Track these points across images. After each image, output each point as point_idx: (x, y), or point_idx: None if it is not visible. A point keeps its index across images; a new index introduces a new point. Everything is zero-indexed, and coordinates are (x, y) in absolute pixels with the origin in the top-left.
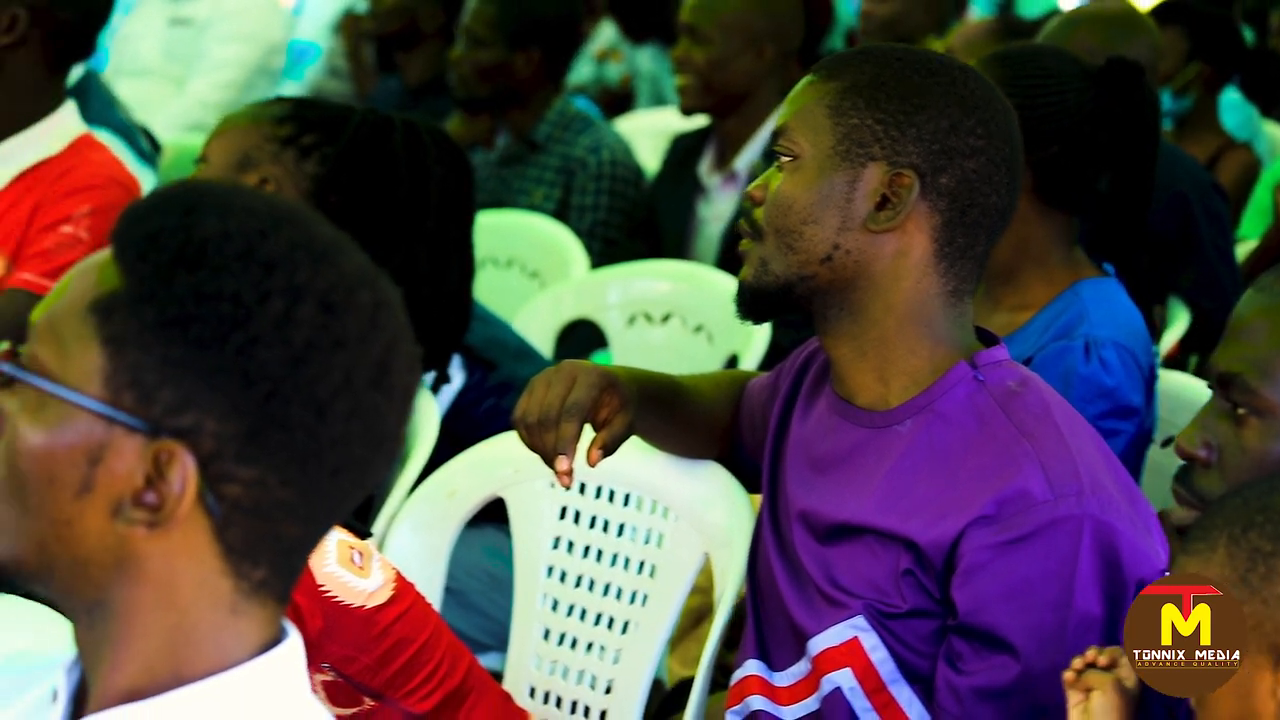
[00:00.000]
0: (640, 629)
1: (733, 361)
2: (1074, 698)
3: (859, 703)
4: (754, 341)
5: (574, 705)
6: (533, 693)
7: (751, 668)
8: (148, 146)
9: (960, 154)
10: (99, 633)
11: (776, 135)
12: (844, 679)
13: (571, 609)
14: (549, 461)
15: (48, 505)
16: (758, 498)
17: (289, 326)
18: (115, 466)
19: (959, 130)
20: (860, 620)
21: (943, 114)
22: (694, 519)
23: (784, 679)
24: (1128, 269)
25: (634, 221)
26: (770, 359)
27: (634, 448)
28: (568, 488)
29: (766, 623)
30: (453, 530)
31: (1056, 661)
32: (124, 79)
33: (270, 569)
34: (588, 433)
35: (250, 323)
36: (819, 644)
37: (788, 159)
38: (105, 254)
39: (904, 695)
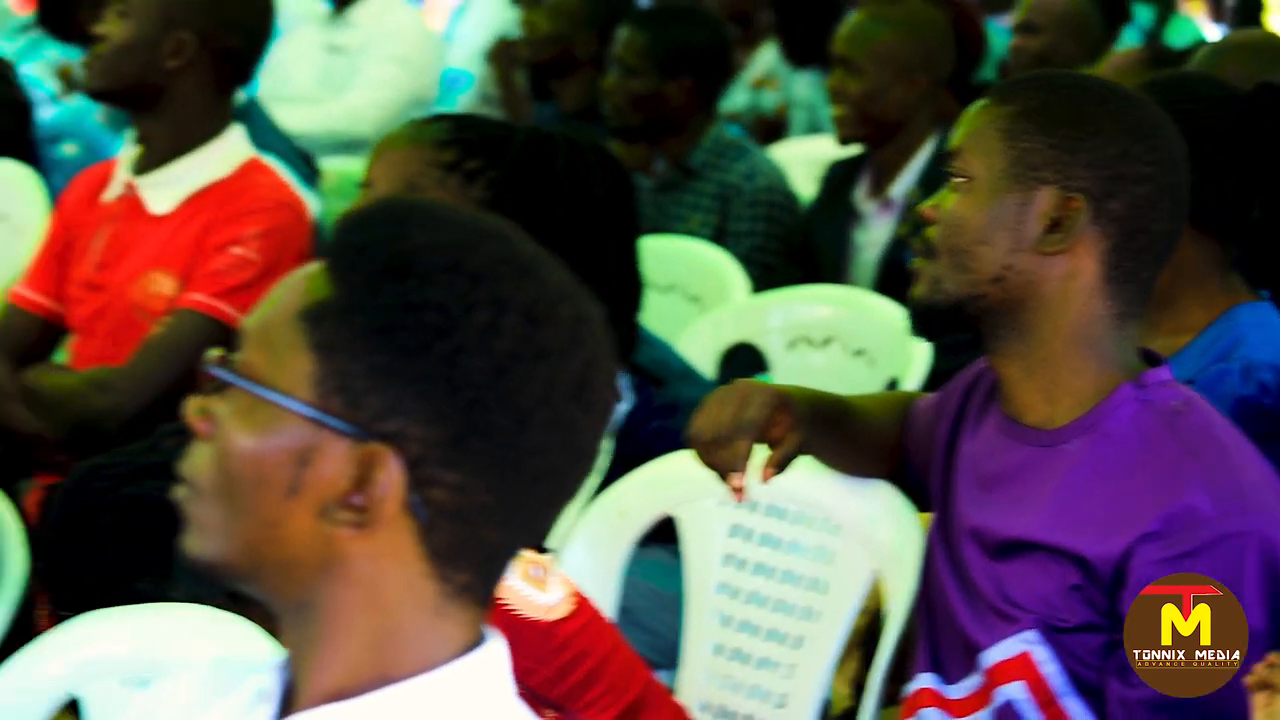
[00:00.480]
0: (812, 644)
1: (893, 385)
2: (1260, 700)
3: (1031, 715)
4: (914, 365)
5: None
6: (705, 708)
7: (925, 681)
8: (308, 171)
9: (1130, 180)
10: (306, 633)
11: (949, 157)
12: (1017, 692)
13: (743, 625)
14: (723, 478)
15: (257, 506)
16: (927, 515)
17: (493, 336)
18: (323, 469)
19: (1129, 157)
20: (1031, 634)
21: (1114, 141)
22: (863, 537)
23: (957, 691)
24: None
25: (790, 247)
26: (930, 383)
27: (803, 466)
28: (740, 504)
29: (938, 636)
30: (625, 548)
31: None
32: (277, 105)
33: (473, 573)
34: (761, 450)
35: (456, 332)
36: (991, 657)
37: (960, 180)
38: (316, 264)
39: (1075, 708)
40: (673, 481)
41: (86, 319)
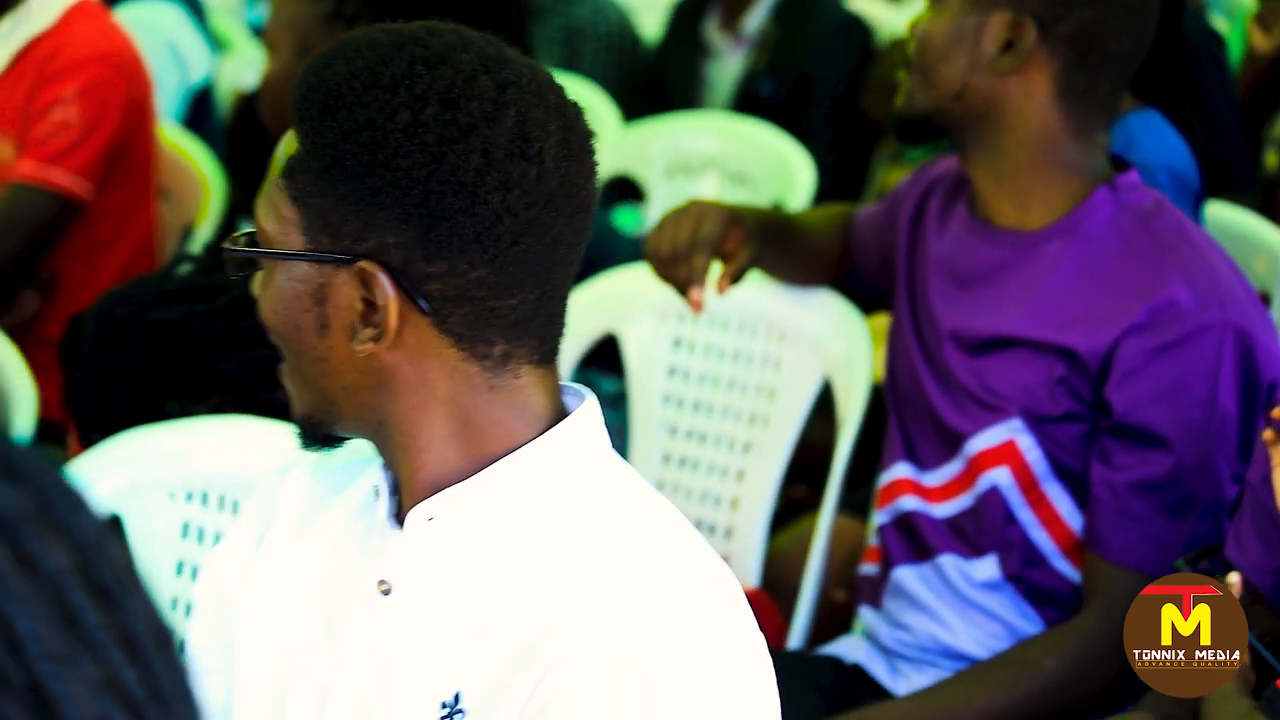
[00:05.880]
0: (761, 449)
1: (776, 208)
2: (1278, 455)
3: (1014, 498)
4: (797, 187)
5: (698, 524)
6: None
7: (901, 470)
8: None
9: (1077, 4)
10: (392, 445)
11: None
12: (1001, 477)
13: (690, 433)
14: (682, 292)
15: (305, 349)
16: (874, 320)
17: (419, 131)
18: (337, 300)
19: None
20: (1017, 423)
21: None
22: (812, 344)
23: (934, 479)
24: (1173, 111)
25: (637, 84)
26: (818, 201)
27: (750, 278)
28: (697, 314)
29: (911, 427)
30: (566, 369)
31: (1202, 455)
32: None
33: (506, 342)
34: (714, 265)
35: (387, 140)
36: (976, 445)
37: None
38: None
39: (1054, 491)
40: (612, 299)
41: None
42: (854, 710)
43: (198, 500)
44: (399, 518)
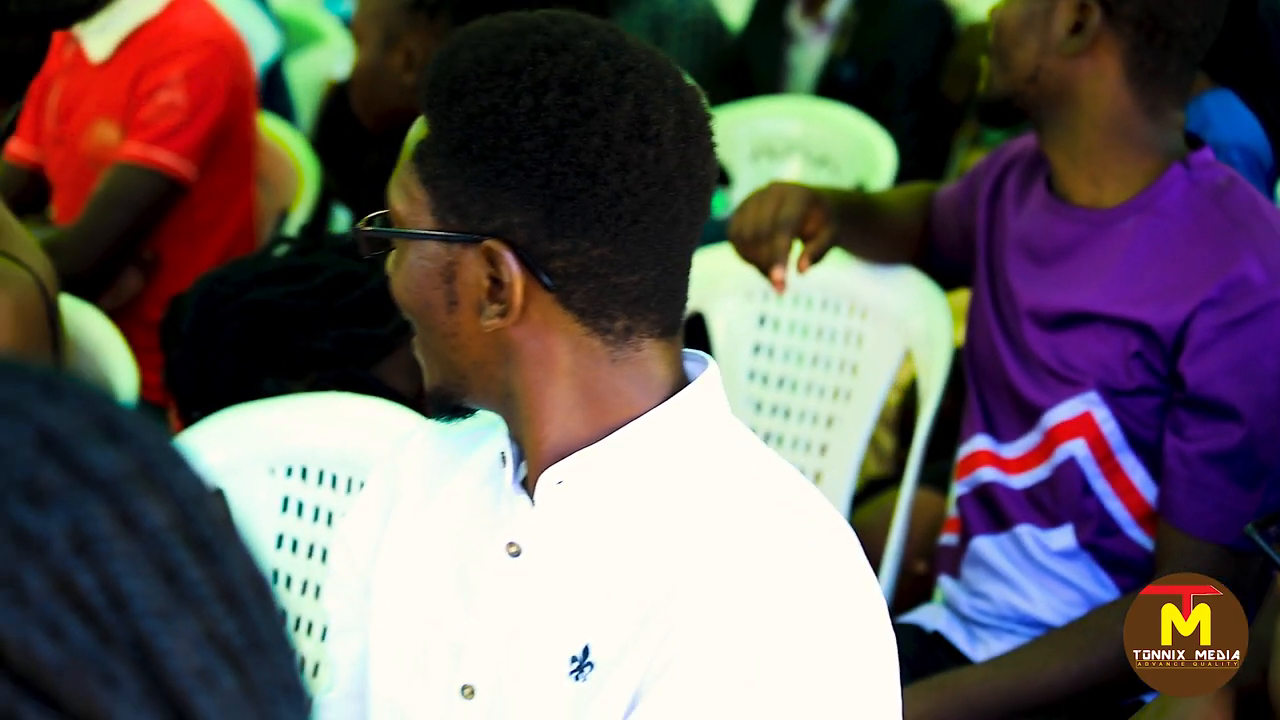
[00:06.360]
0: (844, 423)
1: (859, 189)
2: None
3: (1090, 469)
4: (879, 170)
5: None
6: None
7: (980, 442)
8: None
9: None
10: (518, 417)
11: None
12: (1078, 448)
13: (775, 408)
14: (765, 272)
15: (435, 325)
16: (954, 297)
17: (541, 115)
18: (465, 277)
19: None
20: (1093, 395)
21: None
22: (894, 320)
23: (1012, 451)
24: (1246, 92)
25: (722, 70)
26: (899, 184)
27: (832, 257)
28: (780, 293)
29: (990, 400)
30: None
31: (1273, 426)
32: None
33: (628, 317)
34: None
35: (510, 124)
36: (1053, 417)
37: None
38: None
39: (1129, 462)
40: (698, 279)
41: (56, 172)
42: (934, 675)
43: (297, 475)
44: (524, 484)
